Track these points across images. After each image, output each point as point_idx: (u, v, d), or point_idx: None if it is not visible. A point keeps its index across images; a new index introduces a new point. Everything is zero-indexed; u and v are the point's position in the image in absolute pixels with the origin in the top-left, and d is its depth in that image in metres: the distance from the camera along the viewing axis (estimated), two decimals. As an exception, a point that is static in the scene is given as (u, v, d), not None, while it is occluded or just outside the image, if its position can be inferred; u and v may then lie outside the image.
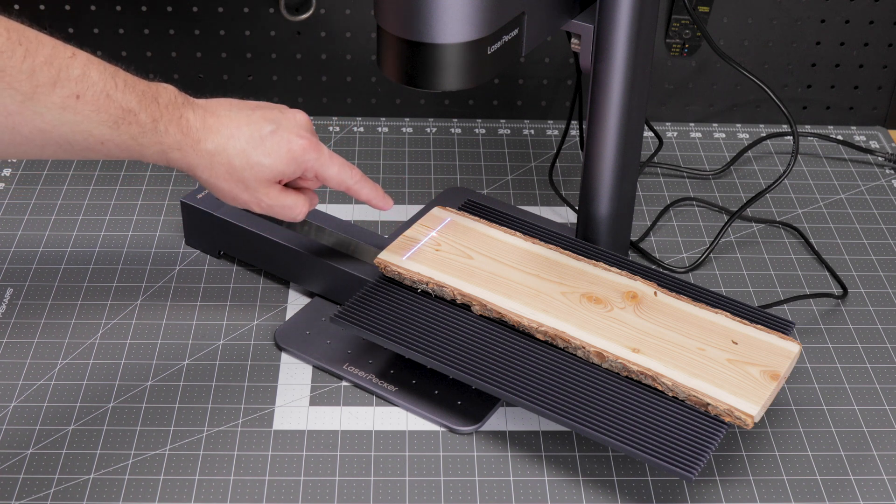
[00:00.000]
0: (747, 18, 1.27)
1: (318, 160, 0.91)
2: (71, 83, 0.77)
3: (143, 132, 0.82)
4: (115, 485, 0.87)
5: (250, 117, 0.89)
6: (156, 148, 0.84)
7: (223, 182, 0.88)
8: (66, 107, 0.77)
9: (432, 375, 0.96)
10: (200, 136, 0.86)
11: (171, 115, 0.84)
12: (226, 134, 0.87)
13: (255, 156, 0.88)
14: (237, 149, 0.87)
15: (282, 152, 0.89)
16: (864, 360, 1.01)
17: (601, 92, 0.97)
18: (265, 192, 0.89)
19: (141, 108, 0.82)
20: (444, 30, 0.84)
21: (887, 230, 1.17)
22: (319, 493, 0.87)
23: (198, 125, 0.86)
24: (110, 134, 0.80)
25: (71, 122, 0.78)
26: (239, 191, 0.89)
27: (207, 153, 0.86)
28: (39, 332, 1.00)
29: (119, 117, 0.80)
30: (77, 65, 0.77)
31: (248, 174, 0.88)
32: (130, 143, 0.82)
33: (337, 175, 0.92)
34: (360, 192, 0.95)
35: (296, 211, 0.92)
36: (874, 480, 0.90)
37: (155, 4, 1.24)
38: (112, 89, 0.80)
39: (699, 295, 0.96)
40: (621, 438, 0.83)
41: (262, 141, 0.88)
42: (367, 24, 1.26)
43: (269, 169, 0.88)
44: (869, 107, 1.34)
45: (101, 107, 0.79)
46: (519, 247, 0.99)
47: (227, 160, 0.87)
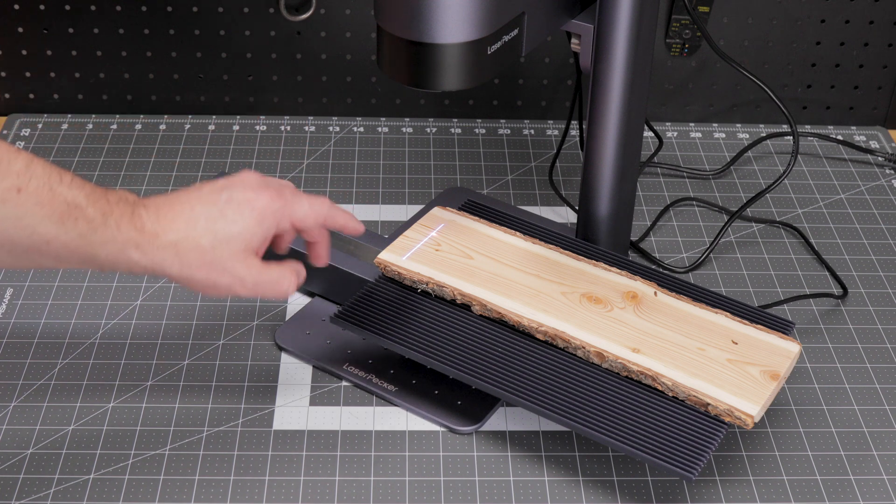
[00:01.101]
0: (747, 18, 1.27)
1: (284, 206, 0.84)
2: (11, 176, 0.73)
3: (92, 229, 0.76)
4: (115, 485, 0.87)
5: (200, 196, 0.82)
6: (110, 247, 0.77)
7: (197, 271, 0.80)
8: (6, 200, 0.73)
9: (432, 375, 0.96)
10: (158, 230, 0.79)
11: (123, 211, 0.78)
12: (183, 220, 0.80)
13: (221, 229, 0.80)
14: (200, 229, 0.80)
15: (245, 214, 0.81)
16: (864, 360, 1.01)
17: (601, 92, 0.97)
18: (245, 268, 0.81)
19: (89, 203, 0.76)
20: (445, 30, 0.84)
21: (887, 230, 1.17)
22: (319, 493, 0.87)
23: (152, 219, 0.79)
24: (56, 231, 0.75)
25: (12, 216, 0.73)
26: (217, 275, 0.80)
27: (171, 245, 0.79)
28: (39, 332, 1.00)
29: (64, 212, 0.74)
30: (21, 159, 0.74)
31: (220, 252, 0.80)
32: (80, 243, 0.76)
33: (309, 210, 0.85)
34: (335, 221, 0.88)
35: (283, 284, 0.84)
36: (874, 480, 0.90)
37: (155, 4, 1.24)
38: (56, 183, 0.75)
39: (699, 295, 0.96)
40: (621, 438, 0.83)
41: (223, 212, 0.81)
42: (367, 24, 1.26)
43: (239, 237, 0.81)
44: (869, 107, 1.34)
45: (43, 200, 0.74)
46: (519, 247, 0.99)
47: (194, 244, 0.79)
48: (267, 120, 1.31)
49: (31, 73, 1.28)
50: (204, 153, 1.25)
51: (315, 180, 1.21)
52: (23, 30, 1.25)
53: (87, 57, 1.27)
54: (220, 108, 1.31)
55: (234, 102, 1.31)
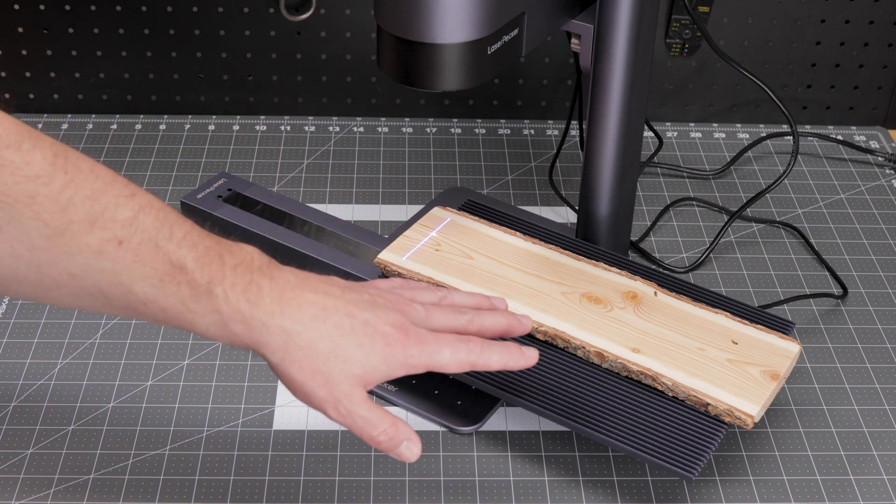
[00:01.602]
0: (747, 18, 1.27)
1: (421, 353, 0.73)
2: (115, 225, 0.65)
3: (194, 296, 0.68)
4: (115, 485, 0.87)
5: (338, 301, 0.73)
6: (212, 317, 0.69)
7: (298, 372, 0.71)
8: (103, 252, 0.65)
9: (432, 375, 0.96)
10: (275, 310, 0.70)
11: (237, 279, 0.69)
12: (309, 313, 0.71)
13: (344, 346, 0.71)
14: (322, 332, 0.71)
15: (377, 348, 0.72)
16: (864, 360, 1.01)
17: (601, 92, 0.97)
18: (348, 395, 0.71)
19: (197, 266, 0.68)
20: (444, 29, 0.84)
21: (887, 230, 1.17)
22: (319, 493, 0.87)
23: (273, 297, 0.70)
24: (154, 293, 0.67)
25: (107, 270, 0.66)
26: (316, 385, 0.71)
27: (283, 331, 0.70)
28: (39, 332, 1.00)
29: (165, 273, 0.67)
30: (131, 206, 0.66)
31: (332, 366, 0.71)
32: (179, 308, 0.68)
33: (451, 359, 0.74)
34: (489, 364, 0.76)
35: (377, 429, 0.72)
36: (874, 480, 0.90)
37: (155, 4, 1.24)
38: (165, 240, 0.67)
39: (699, 295, 0.96)
40: (621, 438, 0.84)
41: (354, 329, 0.72)
42: (367, 24, 1.26)
43: (360, 363, 0.71)
44: (869, 107, 1.34)
45: (144, 258, 0.66)
46: (519, 247, 0.99)
47: (308, 343, 0.70)
48: (267, 120, 1.31)
49: (31, 73, 1.28)
50: (204, 153, 1.25)
51: (315, 180, 1.21)
52: (23, 30, 1.25)
53: (87, 57, 1.27)
54: (220, 108, 1.31)
55: (234, 102, 1.31)
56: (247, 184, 1.12)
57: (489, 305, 0.82)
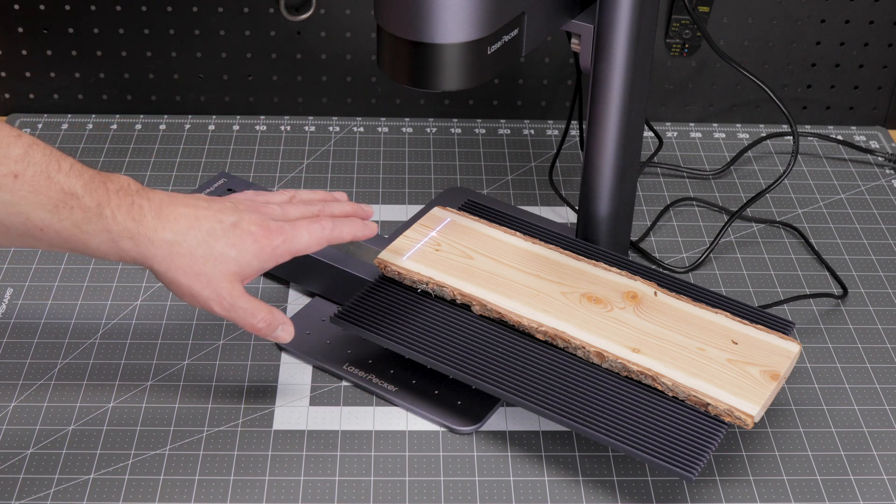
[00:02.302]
0: (747, 18, 1.27)
1: (284, 241, 0.84)
2: (9, 161, 0.73)
3: (86, 218, 0.76)
4: (115, 485, 0.87)
5: (208, 208, 0.83)
6: (103, 236, 0.77)
7: (182, 276, 0.81)
8: (1, 186, 0.73)
9: (432, 375, 0.96)
10: (156, 225, 0.79)
11: (121, 201, 0.78)
12: (184, 224, 0.80)
13: (218, 246, 0.81)
14: (198, 238, 0.81)
15: (246, 244, 0.82)
16: (864, 360, 1.01)
17: (601, 92, 0.97)
18: (228, 289, 0.82)
19: (86, 192, 0.76)
20: (444, 30, 0.84)
21: (887, 230, 1.17)
22: (319, 493, 0.87)
23: (153, 213, 0.79)
24: (49, 219, 0.75)
25: (6, 202, 0.73)
26: (200, 286, 0.81)
27: (166, 242, 0.79)
28: (39, 332, 1.00)
29: (59, 200, 0.75)
30: (20, 144, 0.74)
31: (211, 266, 0.81)
32: (73, 231, 0.76)
33: (310, 239, 0.85)
34: (341, 237, 0.88)
35: (257, 317, 0.84)
36: (874, 480, 0.90)
37: (155, 4, 1.24)
38: (55, 171, 0.75)
39: (699, 295, 0.96)
40: (621, 438, 0.83)
41: (225, 232, 0.82)
42: (367, 24, 1.26)
43: (233, 261, 0.82)
44: (869, 107, 1.34)
45: (39, 188, 0.74)
46: (519, 247, 0.99)
47: (188, 250, 0.80)
48: (267, 120, 1.31)
49: (31, 73, 1.28)
50: (204, 153, 1.25)
51: (315, 180, 1.21)
52: (23, 30, 1.25)
53: (87, 57, 1.27)
54: (220, 108, 1.31)
55: (234, 102, 1.31)
56: (247, 184, 1.12)
57: (332, 198, 0.92)
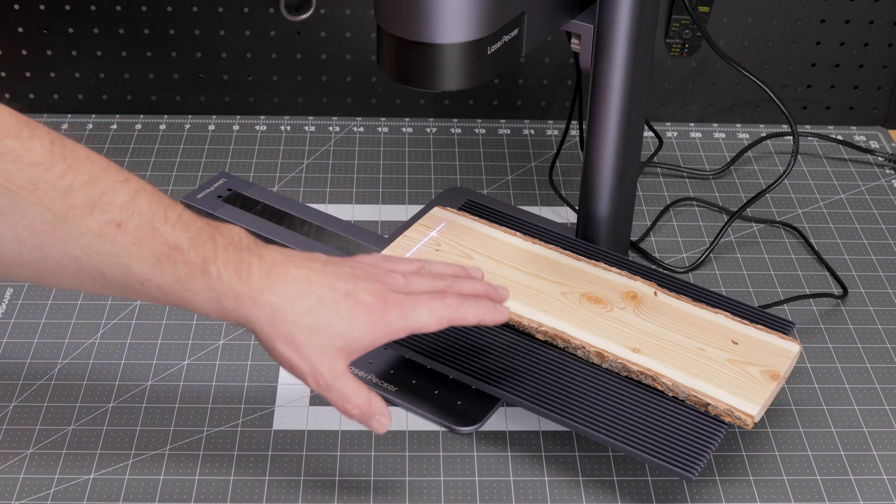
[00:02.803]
0: (747, 18, 1.27)
1: (401, 317, 0.77)
2: (113, 209, 0.69)
3: (190, 275, 0.72)
4: (115, 485, 0.87)
5: (321, 275, 0.77)
6: (206, 294, 0.73)
7: (283, 344, 0.75)
8: (103, 234, 0.69)
9: (432, 375, 0.96)
10: (263, 286, 0.74)
11: (229, 258, 0.73)
12: (294, 288, 0.75)
13: (327, 320, 0.75)
14: (306, 306, 0.75)
15: (359, 318, 0.76)
16: (864, 360, 1.01)
17: (601, 92, 0.97)
18: (329, 367, 0.76)
19: (192, 246, 0.72)
20: (444, 29, 0.84)
21: (887, 230, 1.17)
22: (319, 493, 0.87)
23: (261, 273, 0.74)
24: (152, 273, 0.71)
25: (107, 252, 0.69)
26: (299, 359, 0.75)
27: (270, 306, 0.74)
28: (39, 332, 1.00)
29: (163, 254, 0.71)
30: (127, 190, 0.70)
31: (316, 340, 0.75)
32: (175, 287, 0.72)
33: (429, 318, 0.78)
34: (465, 319, 0.80)
35: (352, 403, 0.77)
36: (874, 480, 0.90)
37: (155, 4, 1.24)
38: (160, 222, 0.71)
39: (699, 295, 0.96)
40: (621, 438, 0.84)
41: (336, 302, 0.76)
42: (367, 24, 1.26)
43: (341, 337, 0.75)
44: (869, 107, 1.34)
45: (143, 239, 0.70)
46: (519, 247, 0.99)
47: (293, 318, 0.74)
48: (267, 120, 1.31)
49: (31, 73, 1.28)
50: (204, 153, 1.25)
51: (315, 180, 1.21)
52: (23, 30, 1.25)
53: (87, 57, 1.27)
54: (220, 108, 1.31)
55: (234, 102, 1.31)
56: (247, 184, 1.12)
57: (466, 274, 0.85)
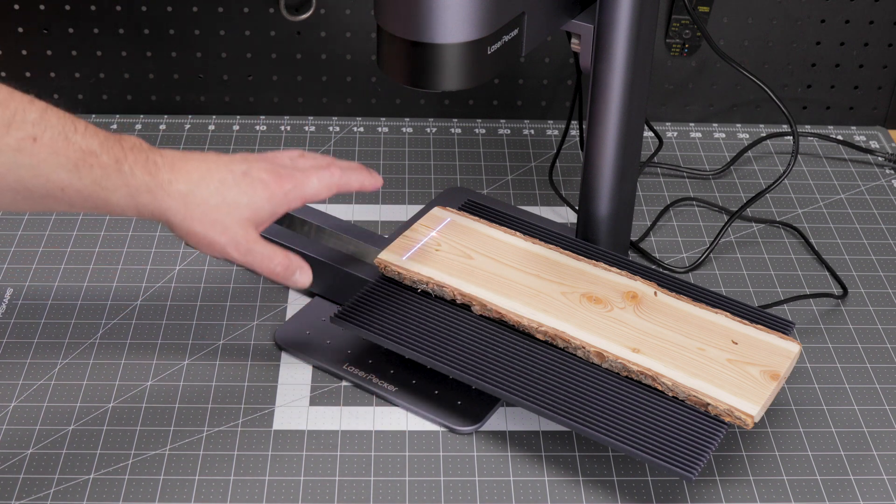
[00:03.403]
0: (747, 18, 1.27)
1: (294, 187, 0.87)
2: (27, 125, 0.74)
3: (105, 175, 0.78)
4: (115, 485, 0.87)
5: (218, 161, 0.86)
6: (122, 191, 0.80)
7: (198, 224, 0.83)
8: (22, 149, 0.74)
9: (432, 375, 0.96)
10: (171, 178, 0.82)
11: (137, 157, 0.80)
12: (196, 175, 0.83)
13: (230, 194, 0.84)
14: (211, 188, 0.83)
15: (258, 191, 0.85)
16: (864, 360, 1.01)
17: (601, 92, 0.97)
18: (244, 235, 0.85)
19: (103, 150, 0.78)
20: (444, 30, 0.84)
21: (887, 230, 1.17)
22: (319, 493, 0.87)
23: (167, 167, 0.82)
24: (70, 179, 0.77)
25: (27, 165, 0.75)
26: (216, 233, 0.84)
27: (180, 194, 0.82)
28: (39, 333, 1.00)
29: (79, 160, 0.77)
30: (34, 109, 0.75)
31: (225, 214, 0.84)
32: (94, 189, 0.78)
33: (319, 185, 0.88)
34: (349, 184, 0.90)
35: (274, 261, 0.86)
36: (874, 480, 0.90)
37: (155, 4, 1.24)
38: (71, 132, 0.77)
39: (699, 295, 0.96)
40: (621, 438, 0.83)
41: (237, 181, 0.85)
42: (367, 24, 1.26)
43: (247, 207, 0.84)
44: (869, 107, 1.34)
45: (59, 149, 0.76)
46: (519, 247, 0.99)
47: (202, 199, 0.83)
48: (267, 120, 1.31)
49: (31, 73, 1.28)
50: (204, 153, 1.25)
51: (315, 180, 1.21)
52: (23, 30, 1.25)
53: (87, 57, 1.27)
54: (220, 108, 1.31)
55: (234, 102, 1.31)
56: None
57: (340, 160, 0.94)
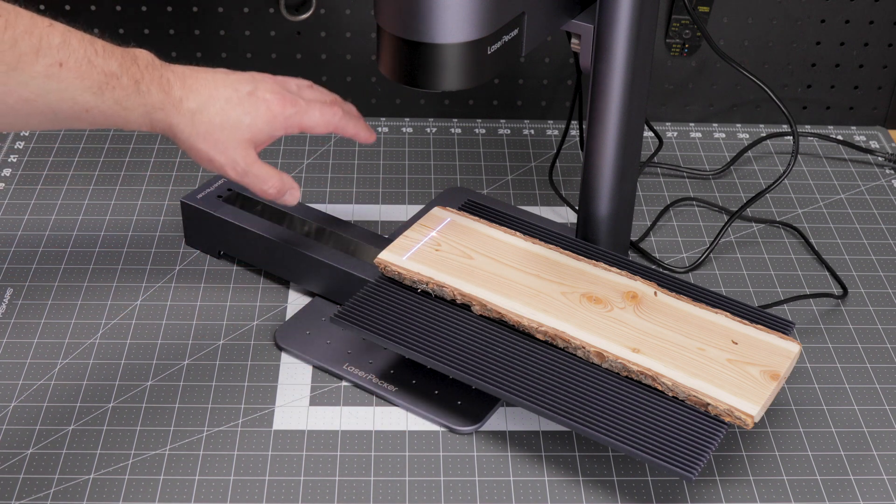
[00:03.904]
0: (747, 18, 1.27)
1: (296, 114, 0.92)
2: (53, 51, 0.77)
3: (126, 96, 0.83)
4: (115, 485, 0.87)
5: (227, 79, 0.90)
6: (140, 110, 0.84)
7: (202, 142, 0.88)
8: (51, 75, 0.77)
9: (432, 375, 0.96)
10: (182, 95, 0.87)
11: (152, 76, 0.85)
12: (205, 94, 0.88)
13: (234, 114, 0.89)
14: (217, 107, 0.88)
15: (260, 111, 0.90)
16: (864, 360, 1.01)
17: (601, 92, 0.97)
18: (242, 155, 0.90)
19: (122, 70, 0.82)
20: (444, 29, 0.84)
21: (887, 230, 1.17)
22: (319, 493, 0.87)
23: (178, 84, 0.87)
24: (94, 100, 0.81)
25: (56, 90, 0.78)
26: (216, 152, 0.89)
27: (189, 112, 0.87)
28: (39, 332, 1.00)
29: (102, 83, 0.81)
30: (56, 33, 0.78)
31: (226, 134, 0.89)
32: (115, 109, 0.82)
33: (319, 119, 0.93)
34: (346, 129, 0.95)
35: (269, 183, 0.92)
36: (874, 480, 0.90)
37: (155, 4, 1.24)
38: (93, 55, 0.80)
39: (699, 295, 0.96)
40: (621, 438, 0.83)
41: (241, 101, 0.89)
42: (367, 24, 1.26)
43: (248, 128, 0.89)
44: (869, 107, 1.34)
45: (84, 73, 0.79)
46: (519, 247, 0.99)
47: (208, 118, 0.88)
48: (267, 120, 1.31)
49: (31, 73, 1.28)
50: (204, 153, 1.25)
51: (315, 180, 1.21)
52: (23, 30, 1.25)
53: (87, 57, 1.27)
54: (220, 108, 1.31)
55: (234, 102, 1.31)
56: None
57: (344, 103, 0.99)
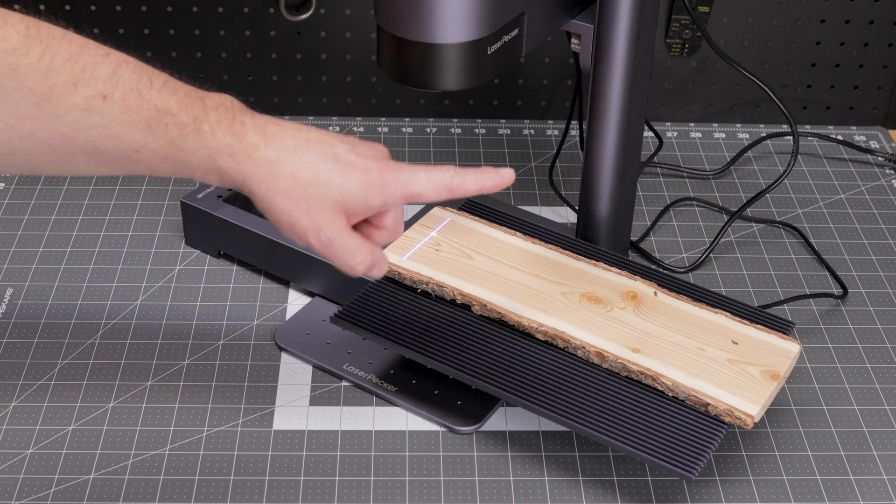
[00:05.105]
0: (747, 18, 1.27)
1: (397, 178, 0.76)
2: (97, 82, 0.69)
3: (183, 135, 0.71)
4: (115, 485, 0.87)
5: (319, 134, 0.76)
6: (201, 153, 0.72)
7: (282, 200, 0.74)
8: (90, 108, 0.69)
9: (432, 375, 0.96)
10: (259, 143, 0.73)
11: (220, 117, 0.73)
12: (291, 144, 0.74)
13: (325, 171, 0.74)
14: (306, 161, 0.74)
15: (356, 175, 0.75)
16: (864, 360, 1.01)
17: (601, 92, 0.97)
18: (329, 221, 0.74)
19: (181, 107, 0.71)
20: (444, 29, 0.84)
21: (887, 230, 1.17)
22: (319, 493, 0.87)
23: (256, 131, 0.73)
24: (144, 139, 0.70)
25: (97, 125, 0.69)
26: (299, 213, 0.74)
27: (267, 162, 0.73)
28: (39, 332, 1.00)
29: (152, 119, 0.70)
30: (108, 63, 0.70)
31: (315, 192, 0.74)
32: (170, 150, 0.71)
33: (427, 181, 0.77)
34: (465, 185, 0.78)
35: (356, 259, 0.76)
36: (874, 480, 0.90)
37: (155, 4, 1.24)
38: (146, 88, 0.71)
39: (699, 295, 0.96)
40: (621, 438, 0.83)
41: (336, 160, 0.74)
42: (367, 24, 1.26)
43: (339, 189, 0.74)
44: (869, 107, 1.34)
45: (130, 107, 0.70)
46: (519, 247, 0.99)
47: (291, 171, 0.73)
48: (267, 120, 1.31)
49: (31, 73, 1.28)
50: (204, 153, 1.25)
51: (315, 180, 1.21)
52: (23, 30, 1.25)
53: (87, 57, 1.27)
54: (220, 108, 1.31)
55: (234, 102, 1.31)
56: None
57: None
